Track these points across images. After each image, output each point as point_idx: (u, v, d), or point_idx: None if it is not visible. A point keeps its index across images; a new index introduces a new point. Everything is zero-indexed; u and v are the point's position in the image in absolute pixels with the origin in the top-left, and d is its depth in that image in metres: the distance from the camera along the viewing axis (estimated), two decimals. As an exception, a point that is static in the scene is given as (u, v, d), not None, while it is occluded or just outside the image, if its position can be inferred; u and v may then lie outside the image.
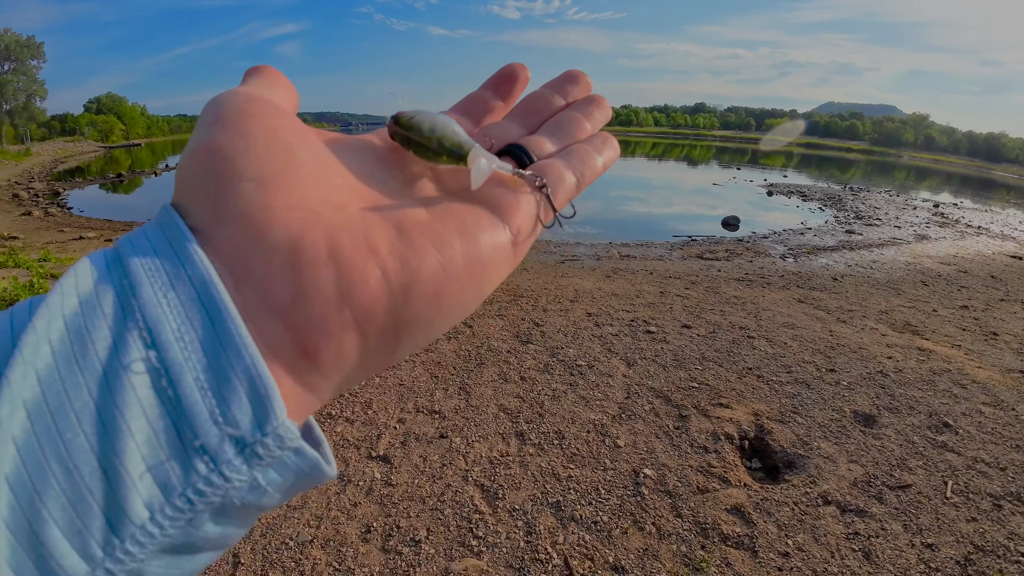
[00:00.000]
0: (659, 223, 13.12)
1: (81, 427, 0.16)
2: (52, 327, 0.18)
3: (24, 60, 55.59)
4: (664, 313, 5.05)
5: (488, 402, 3.37)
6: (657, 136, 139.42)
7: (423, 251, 0.22)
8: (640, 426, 3.16)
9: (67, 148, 56.66)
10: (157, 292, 0.18)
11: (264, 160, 0.22)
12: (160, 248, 0.20)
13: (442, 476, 2.73)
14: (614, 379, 3.70)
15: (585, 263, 7.45)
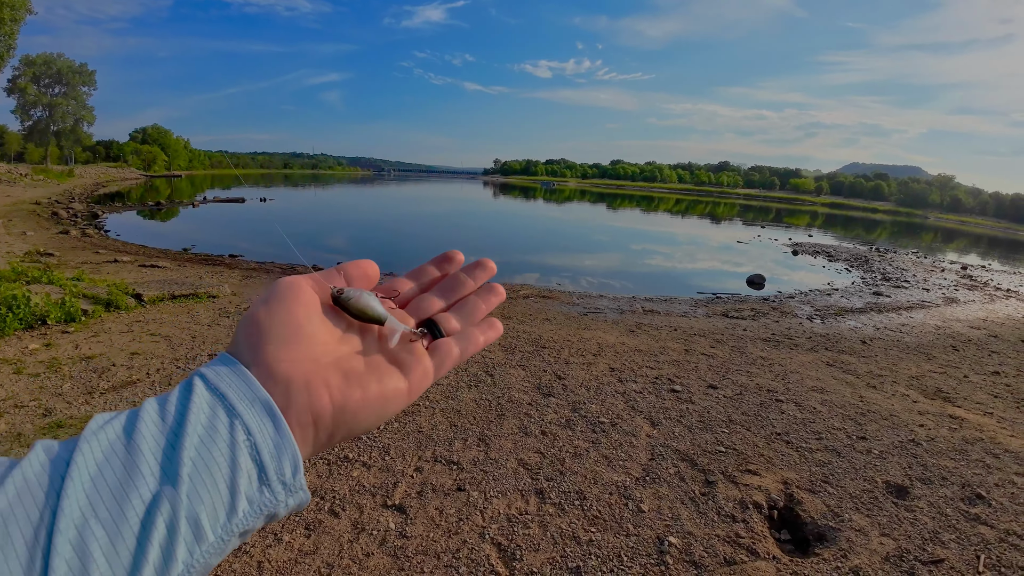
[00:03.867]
0: (683, 279, 13.06)
1: (218, 461, 0.33)
2: (196, 424, 0.33)
3: (75, 86, 58.53)
4: (689, 372, 4.96)
5: (508, 456, 3.30)
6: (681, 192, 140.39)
7: (352, 389, 0.40)
8: (665, 490, 3.06)
9: (109, 173, 59.02)
10: (248, 407, 0.35)
11: (280, 334, 0.40)
12: (236, 382, 0.36)
13: (458, 531, 2.65)
14: (638, 439, 3.60)
15: (608, 316, 7.40)
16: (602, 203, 61.52)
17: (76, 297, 6.02)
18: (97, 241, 13.97)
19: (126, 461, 0.30)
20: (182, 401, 0.34)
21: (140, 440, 0.31)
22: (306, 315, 0.42)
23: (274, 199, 36.92)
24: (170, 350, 4.79)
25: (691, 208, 59.27)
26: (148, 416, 0.33)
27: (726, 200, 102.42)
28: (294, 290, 0.43)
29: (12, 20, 28.10)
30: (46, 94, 57.23)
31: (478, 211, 39.16)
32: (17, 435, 3.28)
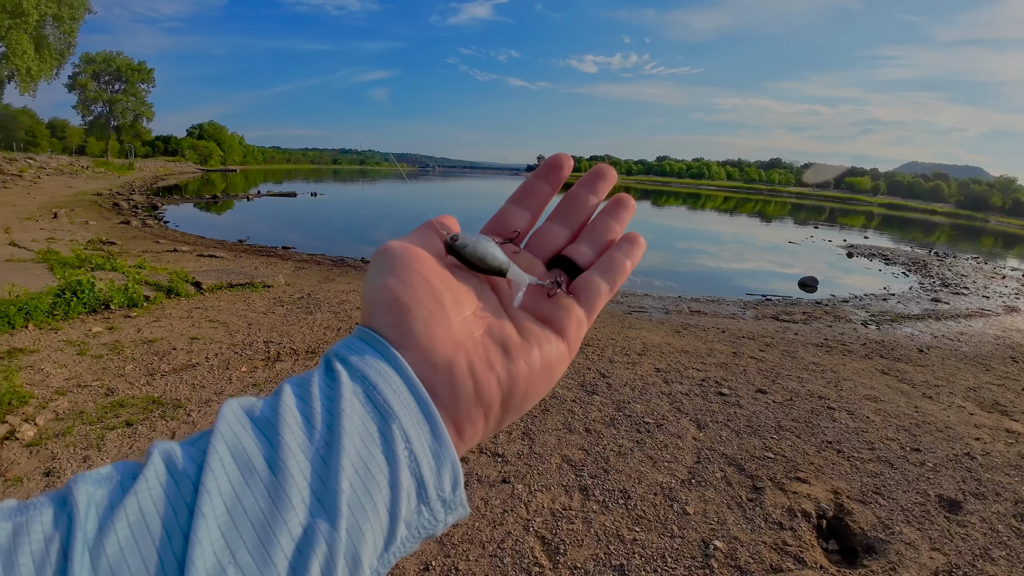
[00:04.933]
0: (731, 279, 12.78)
1: (378, 482, 0.27)
2: (352, 433, 0.28)
3: (134, 83, 61.30)
4: (737, 375, 4.87)
5: (552, 451, 3.33)
6: (729, 190, 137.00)
7: (519, 364, 0.35)
8: (711, 494, 3.03)
9: (168, 167, 61.77)
10: (404, 406, 0.30)
11: (426, 306, 0.34)
12: (387, 371, 0.31)
13: (503, 523, 2.70)
14: (684, 441, 3.58)
15: (653, 316, 7.32)
16: (647, 200, 60.69)
17: (138, 284, 6.35)
18: (157, 231, 14.65)
19: (271, 487, 0.25)
20: (327, 396, 0.29)
21: (287, 455, 0.26)
22: (441, 280, 0.36)
23: (324, 193, 37.85)
24: (228, 336, 5.00)
25: (740, 206, 57.70)
26: (290, 417, 0.27)
27: (777, 198, 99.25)
28: (415, 253, 0.37)
29: (72, 19, 29.62)
30: (106, 91, 60.03)
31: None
32: (80, 413, 3.49)
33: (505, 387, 0.34)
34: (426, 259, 0.37)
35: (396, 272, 0.35)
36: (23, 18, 25.60)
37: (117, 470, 0.25)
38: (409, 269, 0.35)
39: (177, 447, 0.26)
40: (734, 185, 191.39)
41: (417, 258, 0.37)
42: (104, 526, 0.22)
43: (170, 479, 0.24)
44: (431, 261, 0.37)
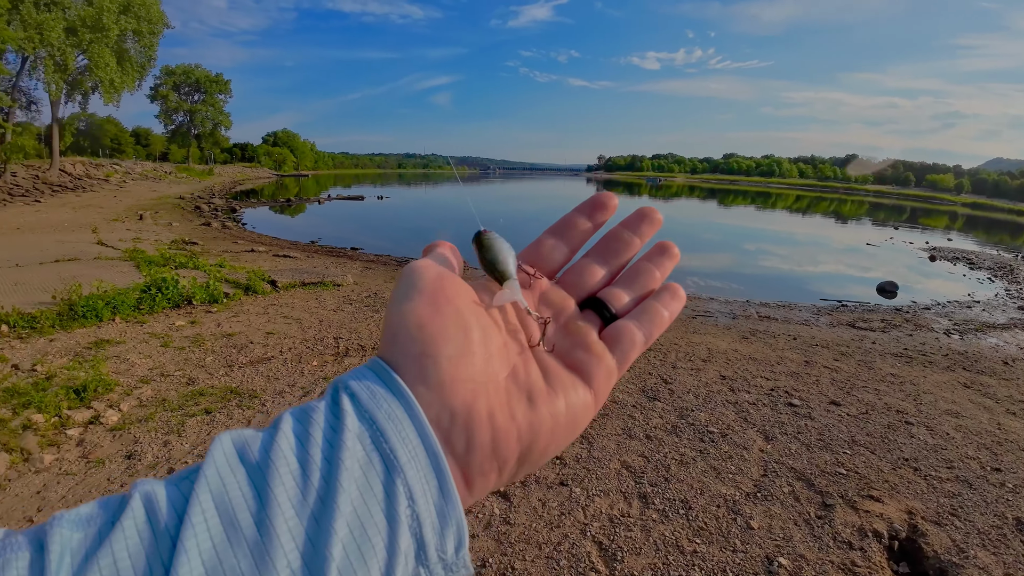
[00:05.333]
0: (803, 283, 12.22)
1: (375, 544, 0.25)
2: (349, 484, 0.26)
3: (213, 93, 65.25)
4: (809, 385, 4.67)
5: (611, 456, 3.31)
6: (802, 188, 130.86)
7: (542, 415, 0.32)
8: (777, 509, 2.93)
9: (245, 172, 65.70)
10: (411, 457, 0.27)
11: (455, 341, 0.31)
12: (397, 413, 0.28)
13: (560, 525, 2.71)
14: (750, 452, 3.47)
15: (719, 320, 7.12)
16: (712, 199, 58.89)
17: (219, 281, 6.77)
18: (235, 232, 15.53)
19: (255, 549, 0.23)
20: (328, 440, 0.27)
21: (275, 513, 0.24)
22: (473, 313, 0.33)
23: (390, 197, 38.99)
24: (301, 331, 5.26)
25: (813, 206, 55.01)
26: (283, 466, 0.25)
27: (853, 197, 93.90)
28: (450, 279, 0.34)
29: (151, 33, 31.64)
30: (186, 101, 64.16)
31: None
32: (162, 400, 3.75)
33: (525, 441, 0.31)
34: (460, 286, 0.35)
35: (428, 297, 0.32)
36: (104, 32, 27.66)
37: (99, 511, 0.24)
38: (442, 295, 0.33)
39: (161, 490, 0.24)
40: (807, 183, 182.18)
41: (452, 284, 0.34)
42: None
43: (149, 530, 0.23)
44: (465, 289, 0.35)
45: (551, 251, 0.42)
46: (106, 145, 59.29)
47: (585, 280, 0.41)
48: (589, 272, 0.42)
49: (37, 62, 26.95)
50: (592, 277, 0.42)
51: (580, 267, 0.42)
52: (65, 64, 27.18)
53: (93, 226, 13.64)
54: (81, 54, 28.13)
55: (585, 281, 0.41)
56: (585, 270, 0.42)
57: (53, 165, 30.69)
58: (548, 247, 0.42)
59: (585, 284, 0.41)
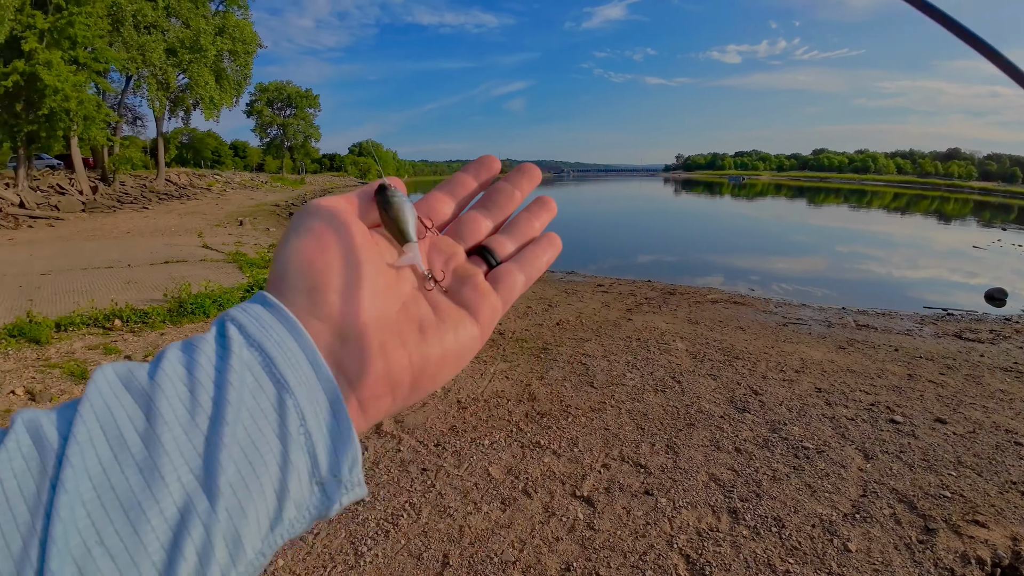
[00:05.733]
0: (904, 290, 11.37)
1: (267, 461, 0.26)
2: (240, 407, 0.26)
3: (303, 108, 69.56)
4: (912, 401, 4.35)
5: (698, 468, 3.23)
6: (900, 186, 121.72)
7: (431, 345, 0.34)
8: (877, 532, 2.75)
9: (333, 181, 69.88)
10: (300, 383, 0.28)
11: (343, 276, 0.33)
12: (287, 341, 0.29)
13: (645, 534, 2.68)
14: (848, 471, 3.28)
15: (813, 329, 6.75)
16: (801, 198, 55.97)
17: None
18: (326, 235, 16.39)
19: (144, 464, 0.23)
20: (217, 367, 0.27)
21: (163, 429, 0.24)
22: (367, 249, 0.35)
23: (465, 202, 39.73)
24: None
25: (913, 204, 51.01)
26: (170, 388, 0.25)
27: (957, 195, 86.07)
28: (343, 216, 0.36)
29: (246, 53, 34.15)
30: (279, 115, 68.70)
31: (656, 209, 38.15)
32: None
33: (416, 367, 0.33)
34: (353, 224, 0.36)
35: (317, 234, 0.34)
36: (202, 53, 30.16)
37: None
38: (332, 232, 0.34)
39: (42, 416, 0.24)
40: (905, 180, 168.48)
41: (344, 221, 0.35)
42: None
43: (33, 451, 0.22)
44: (360, 227, 0.36)
45: (441, 205, 0.44)
46: (207, 157, 64.39)
47: (472, 230, 0.44)
48: (476, 223, 0.44)
49: (141, 81, 29.54)
50: (478, 227, 0.44)
51: (469, 217, 0.45)
52: (167, 83, 29.76)
53: (198, 231, 14.79)
54: (182, 73, 30.69)
55: (472, 231, 0.44)
56: (473, 220, 0.44)
57: (159, 175, 33.63)
58: (439, 202, 0.44)
59: (472, 232, 0.44)
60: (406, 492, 2.98)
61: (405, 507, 2.86)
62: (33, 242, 13.68)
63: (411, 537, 2.65)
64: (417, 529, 2.70)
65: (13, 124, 19.81)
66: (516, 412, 3.92)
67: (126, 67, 26.77)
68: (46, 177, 24.65)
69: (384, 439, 3.53)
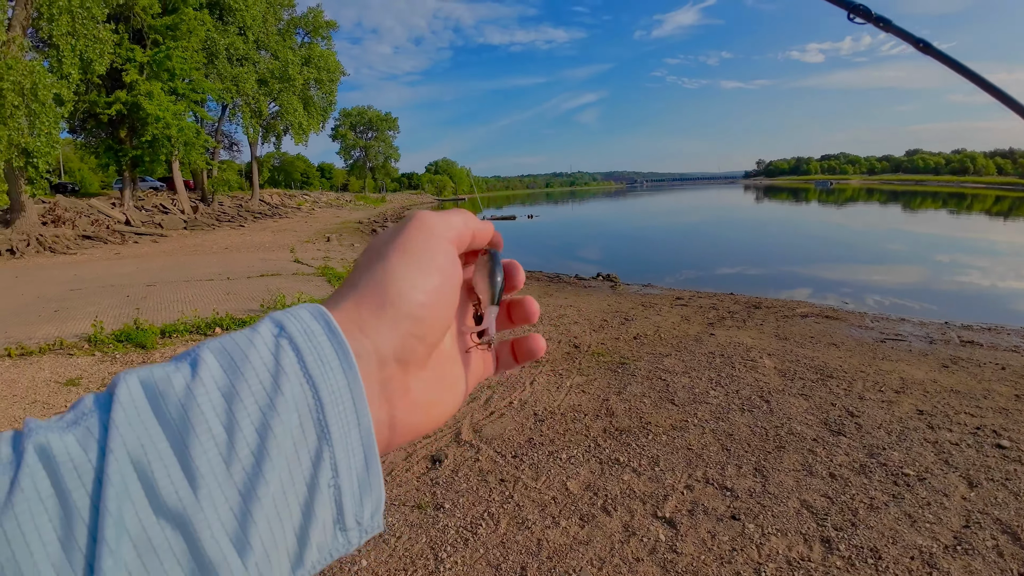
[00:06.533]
0: (1011, 302, 10.42)
1: (293, 512, 0.26)
2: (279, 459, 0.25)
3: (383, 130, 73.62)
4: (1021, 424, 3.96)
5: (789, 493, 3.09)
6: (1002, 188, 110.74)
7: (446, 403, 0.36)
8: (979, 565, 2.54)
9: (411, 198, 73.27)
10: (341, 435, 0.28)
11: (443, 314, 0.35)
12: (340, 384, 0.28)
13: (731, 561, 2.59)
14: (950, 500, 3.03)
15: (913, 345, 6.28)
16: (896, 203, 52.28)
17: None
18: (405, 250, 17.15)
19: (180, 523, 0.22)
20: (265, 404, 0.26)
21: (199, 482, 0.23)
22: (453, 283, 0.35)
23: (539, 215, 40.18)
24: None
25: (1017, 207, 46.36)
26: (208, 428, 0.24)
27: (1066, 196, 77.50)
28: (447, 241, 0.36)
29: (331, 81, 36.55)
30: (361, 138, 72.71)
31: (736, 218, 36.77)
32: None
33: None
34: (453, 253, 0.36)
35: (441, 286, 0.34)
36: (290, 82, 32.50)
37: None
38: (452, 268, 0.35)
39: (59, 442, 0.22)
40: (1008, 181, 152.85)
41: (448, 246, 0.36)
42: None
43: (57, 505, 0.21)
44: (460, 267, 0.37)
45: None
46: (296, 178, 69.00)
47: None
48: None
49: (235, 109, 32.15)
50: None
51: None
52: (259, 110, 32.22)
53: (290, 247, 15.76)
54: (272, 102, 33.11)
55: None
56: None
57: (254, 196, 36.25)
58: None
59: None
60: (484, 502, 3.04)
61: (484, 516, 2.91)
62: (139, 256, 15.07)
63: (490, 547, 2.69)
64: (496, 539, 2.74)
65: (118, 149, 22.08)
66: (594, 427, 3.90)
67: (221, 96, 29.14)
68: (150, 198, 27.20)
69: (463, 447, 3.62)
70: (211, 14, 26.14)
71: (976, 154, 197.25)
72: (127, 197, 23.02)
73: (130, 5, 20.48)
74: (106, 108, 20.22)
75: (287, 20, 34.97)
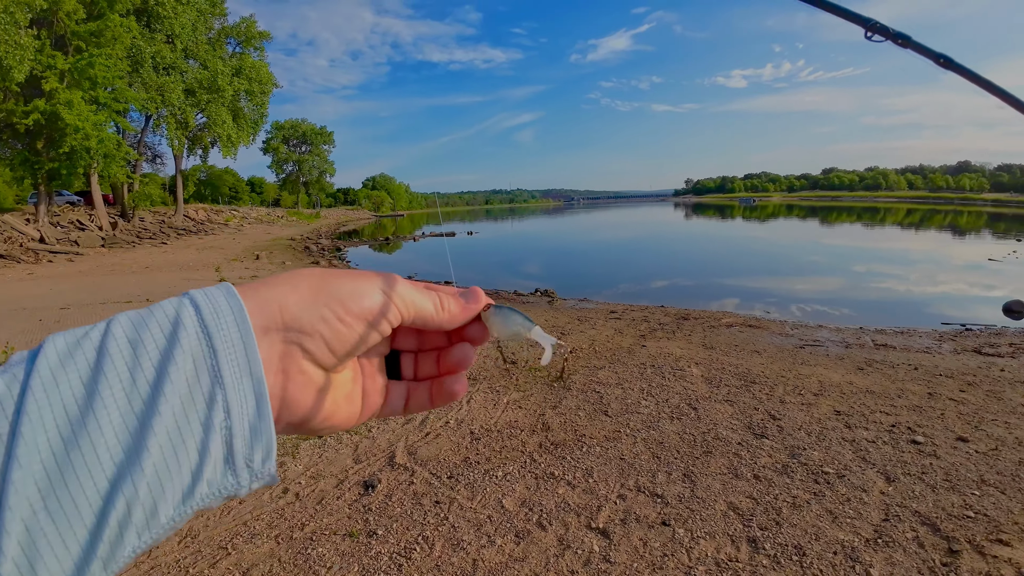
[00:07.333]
0: (922, 306, 11.19)
1: (188, 447, 0.30)
2: (174, 396, 0.29)
3: (318, 144, 71.58)
4: (933, 420, 4.25)
5: (716, 496, 3.17)
6: (912, 201, 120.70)
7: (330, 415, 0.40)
8: (899, 556, 2.67)
9: (348, 215, 71.40)
10: (236, 377, 0.32)
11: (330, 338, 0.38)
12: (233, 335, 0.32)
13: (663, 566, 2.62)
14: (869, 495, 3.19)
15: (830, 350, 6.64)
16: (814, 218, 55.62)
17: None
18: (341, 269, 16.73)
19: (84, 445, 0.26)
20: (164, 349, 0.30)
21: (101, 411, 0.27)
22: (380, 327, 0.40)
23: (479, 232, 40.26)
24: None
25: (927, 219, 50.39)
26: (114, 368, 0.28)
27: (970, 208, 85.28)
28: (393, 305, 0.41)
29: (262, 92, 35.52)
30: (295, 152, 70.56)
31: (668, 234, 38.10)
32: None
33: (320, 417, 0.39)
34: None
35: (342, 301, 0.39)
36: (220, 93, 31.30)
37: None
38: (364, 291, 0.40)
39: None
40: (917, 195, 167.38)
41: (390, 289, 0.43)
42: None
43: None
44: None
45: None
46: (225, 193, 65.91)
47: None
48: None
49: (160, 120, 30.60)
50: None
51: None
52: (186, 122, 30.76)
53: (216, 265, 15.06)
54: (200, 113, 31.71)
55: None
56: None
57: (177, 211, 34.46)
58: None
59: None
60: (419, 525, 2.96)
61: (418, 540, 2.83)
62: (53, 277, 14.02)
63: (424, 571, 2.61)
64: (430, 563, 2.66)
65: (34, 161, 20.56)
66: (530, 442, 3.89)
67: (145, 107, 27.80)
68: (66, 213, 25.36)
69: (397, 471, 3.52)
70: (138, 21, 24.98)
71: (888, 171, 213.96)
72: (42, 212, 21.41)
73: (54, 10, 19.31)
74: (23, 118, 18.82)
75: (218, 29, 33.60)
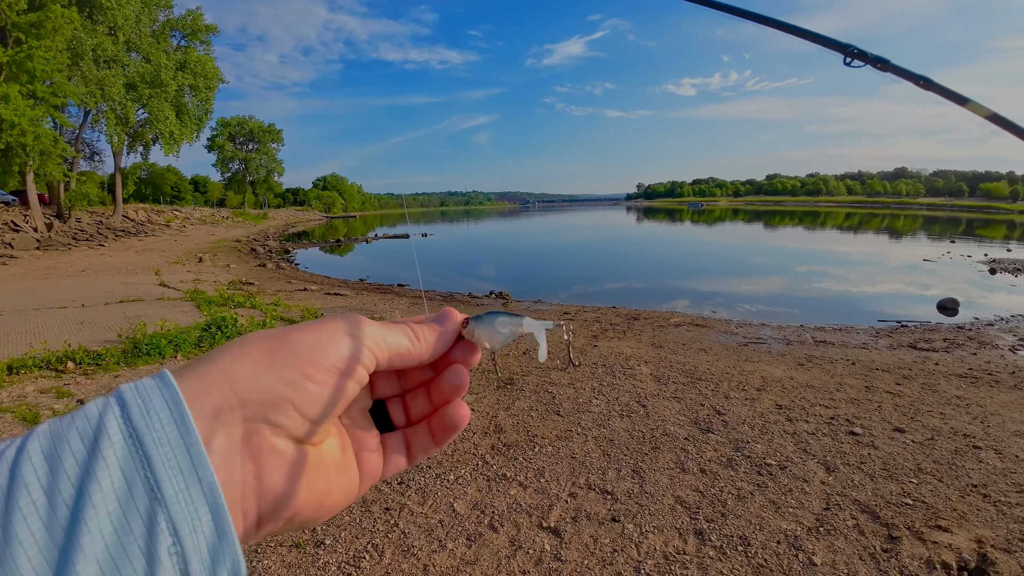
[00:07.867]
0: (860, 305, 11.74)
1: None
2: (102, 518, 0.23)
3: (266, 143, 69.06)
4: (871, 412, 4.46)
5: (664, 491, 3.23)
6: (851, 206, 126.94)
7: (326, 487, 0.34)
8: (841, 543, 2.78)
9: (297, 215, 69.24)
10: (176, 494, 0.25)
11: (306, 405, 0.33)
12: (171, 434, 0.26)
13: (613, 562, 2.64)
14: (810, 485, 3.32)
15: (773, 347, 6.89)
16: (758, 222, 57.69)
17: (275, 319, 7.03)
18: (289, 272, 16.14)
19: None
20: (85, 468, 0.24)
21: (18, 552, 0.21)
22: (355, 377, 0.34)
23: (434, 234, 40.03)
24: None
25: (865, 223, 53.09)
26: (28, 496, 0.23)
27: (906, 212, 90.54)
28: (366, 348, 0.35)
29: (207, 88, 34.10)
30: (241, 150, 68.05)
31: (620, 236, 38.79)
32: None
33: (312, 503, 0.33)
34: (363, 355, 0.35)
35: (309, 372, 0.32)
36: (162, 88, 29.95)
37: None
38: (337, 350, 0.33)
39: None
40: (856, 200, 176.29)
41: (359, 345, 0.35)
42: None
43: None
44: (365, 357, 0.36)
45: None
46: (167, 192, 62.99)
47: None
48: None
49: (99, 115, 29.05)
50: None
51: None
52: (126, 117, 29.28)
53: (156, 268, 14.40)
54: (141, 108, 30.26)
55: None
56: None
57: (116, 211, 32.75)
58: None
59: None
60: (368, 533, 2.89)
61: (368, 548, 2.77)
62: (-19, 284, 13.12)
63: (373, 579, 2.56)
64: (380, 571, 2.61)
65: None
66: (482, 445, 3.87)
67: (84, 101, 26.40)
68: (0, 213, 23.78)
69: (346, 478, 3.44)
70: (80, 12, 23.62)
71: (828, 177, 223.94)
72: (-27, 213, 20.03)
73: (-7, 0, 18.11)
74: (-45, 113, 17.59)
75: (163, 22, 31.92)
